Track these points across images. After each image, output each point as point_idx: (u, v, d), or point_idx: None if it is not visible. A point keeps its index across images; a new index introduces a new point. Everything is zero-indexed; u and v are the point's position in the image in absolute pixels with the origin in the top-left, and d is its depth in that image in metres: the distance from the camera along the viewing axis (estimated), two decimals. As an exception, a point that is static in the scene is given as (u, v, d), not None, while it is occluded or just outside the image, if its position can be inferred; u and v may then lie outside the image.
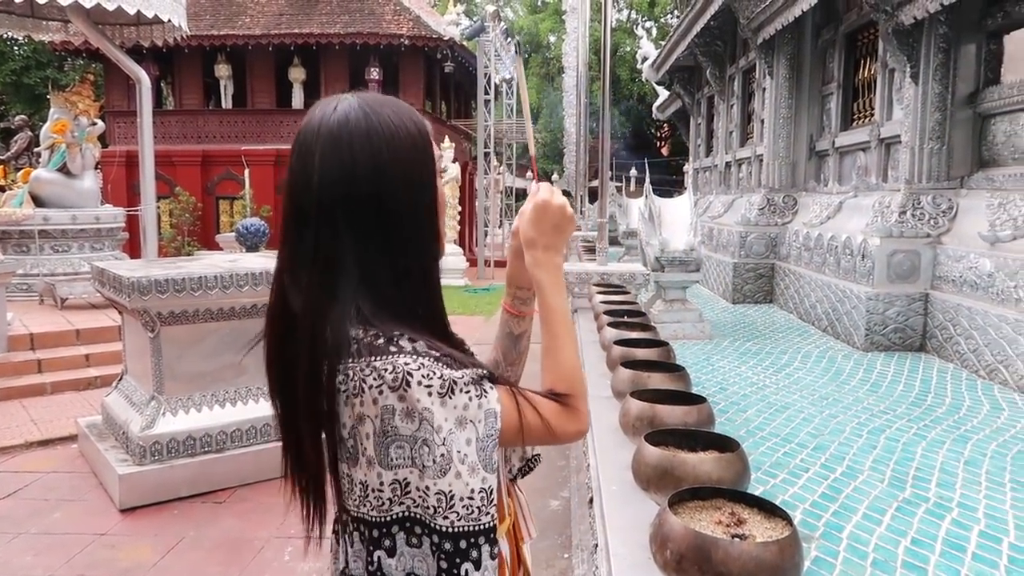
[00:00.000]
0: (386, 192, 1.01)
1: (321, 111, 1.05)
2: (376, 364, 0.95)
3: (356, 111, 1.03)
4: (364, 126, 1.02)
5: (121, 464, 4.31)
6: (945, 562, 2.60)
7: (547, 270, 1.12)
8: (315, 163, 1.01)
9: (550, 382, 1.09)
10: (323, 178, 1.00)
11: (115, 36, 9.02)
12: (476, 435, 0.97)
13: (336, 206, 1.00)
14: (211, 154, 17.88)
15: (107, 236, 9.32)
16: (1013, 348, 4.72)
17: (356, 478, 0.99)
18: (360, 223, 1.00)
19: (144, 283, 4.23)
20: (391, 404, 0.94)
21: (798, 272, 7.67)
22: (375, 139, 1.01)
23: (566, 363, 1.10)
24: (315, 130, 1.03)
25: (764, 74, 9.27)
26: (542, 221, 1.12)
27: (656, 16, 32.33)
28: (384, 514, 0.99)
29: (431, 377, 0.95)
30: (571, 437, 1.09)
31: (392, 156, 1.02)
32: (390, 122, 1.03)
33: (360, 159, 1.00)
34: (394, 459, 0.96)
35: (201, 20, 16.98)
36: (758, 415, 4.33)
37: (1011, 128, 5.60)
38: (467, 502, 0.96)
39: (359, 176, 1.00)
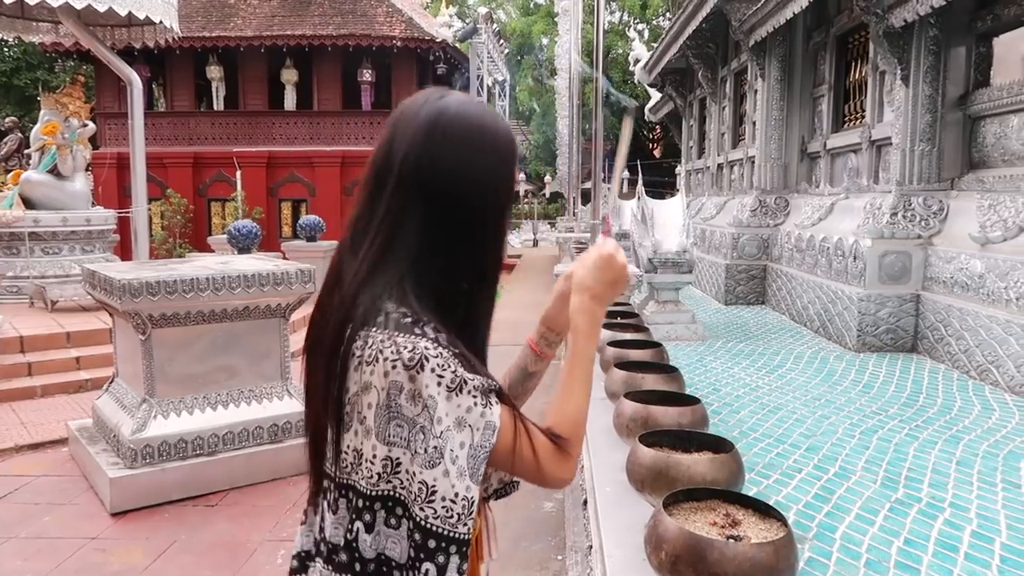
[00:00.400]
0: (463, 187, 1.04)
1: (425, 96, 1.09)
2: (398, 339, 0.96)
3: (459, 104, 1.06)
4: (463, 120, 1.05)
5: (112, 467, 4.28)
6: (938, 562, 2.61)
7: (589, 317, 1.14)
8: (406, 139, 1.04)
9: (553, 422, 1.09)
10: (410, 155, 1.03)
11: (106, 37, 8.98)
12: (471, 441, 0.98)
13: (414, 184, 1.03)
14: (203, 156, 17.81)
15: (98, 238, 9.27)
16: (1004, 349, 4.74)
17: (350, 444, 1.01)
18: (431, 206, 1.03)
19: (135, 285, 4.21)
20: (400, 381, 0.95)
21: (790, 273, 7.69)
22: (469, 134, 1.05)
23: (575, 409, 1.10)
24: (416, 110, 1.06)
25: (756, 76, 9.30)
26: (602, 272, 1.15)
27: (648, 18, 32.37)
28: (372, 487, 1.00)
29: (444, 368, 0.96)
30: (554, 481, 1.08)
31: (479, 155, 1.05)
32: (487, 125, 1.07)
33: (449, 147, 1.03)
34: (391, 435, 0.97)
35: (193, 21, 16.92)
36: (751, 416, 4.34)
37: (1001, 130, 5.63)
38: (447, 504, 0.96)
39: (444, 162, 1.03)
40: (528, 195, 34.86)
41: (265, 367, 4.82)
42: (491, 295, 1.12)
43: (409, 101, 1.09)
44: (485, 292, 1.11)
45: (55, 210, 8.93)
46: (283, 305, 4.82)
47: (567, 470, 1.08)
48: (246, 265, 4.89)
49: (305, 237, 11.18)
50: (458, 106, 1.06)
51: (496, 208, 1.08)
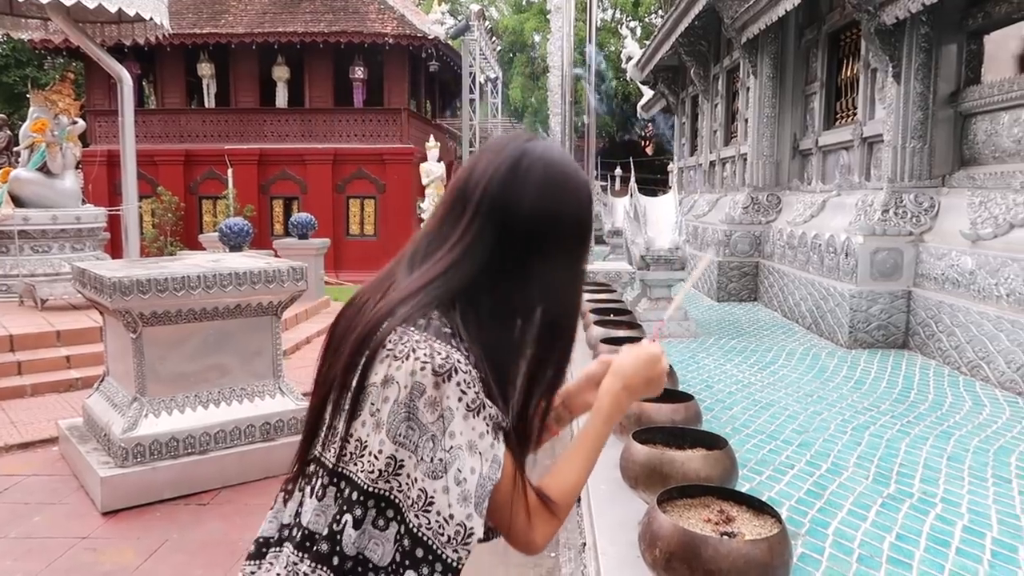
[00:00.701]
0: (538, 226, 1.06)
1: (514, 135, 1.12)
2: (435, 345, 0.97)
3: (545, 148, 1.09)
4: (546, 162, 1.07)
5: (103, 466, 4.25)
6: (930, 557, 2.62)
7: (615, 402, 1.16)
8: (490, 169, 1.06)
9: (549, 484, 1.10)
10: (493, 184, 1.05)
11: (96, 34, 8.92)
12: (480, 470, 0.97)
13: (489, 217, 1.05)
14: (194, 153, 17.73)
15: (88, 236, 9.20)
16: (994, 344, 4.76)
17: (357, 434, 0.99)
18: (500, 241, 1.04)
19: (126, 283, 4.18)
20: (425, 384, 0.95)
21: (782, 270, 7.71)
22: (552, 176, 1.07)
23: (573, 482, 1.11)
24: (502, 146, 1.09)
25: (748, 73, 9.32)
26: (644, 368, 1.18)
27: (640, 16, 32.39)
28: (371, 483, 0.98)
29: (469, 386, 0.97)
30: (528, 543, 1.07)
31: (557, 198, 1.07)
32: (569, 170, 1.09)
33: (533, 184, 1.05)
34: (401, 435, 0.96)
35: (183, 18, 16.84)
36: (743, 412, 4.35)
37: (991, 127, 5.66)
38: (441, 520, 0.96)
39: (521, 201, 1.05)
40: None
41: (257, 365, 4.80)
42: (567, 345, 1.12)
43: (498, 137, 1.16)
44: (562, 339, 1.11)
45: (45, 208, 8.86)
46: (275, 303, 4.80)
47: (545, 535, 1.07)
48: (238, 263, 4.86)
49: (297, 235, 11.14)
50: (543, 149, 1.09)
51: (568, 249, 1.09)
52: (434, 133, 18.33)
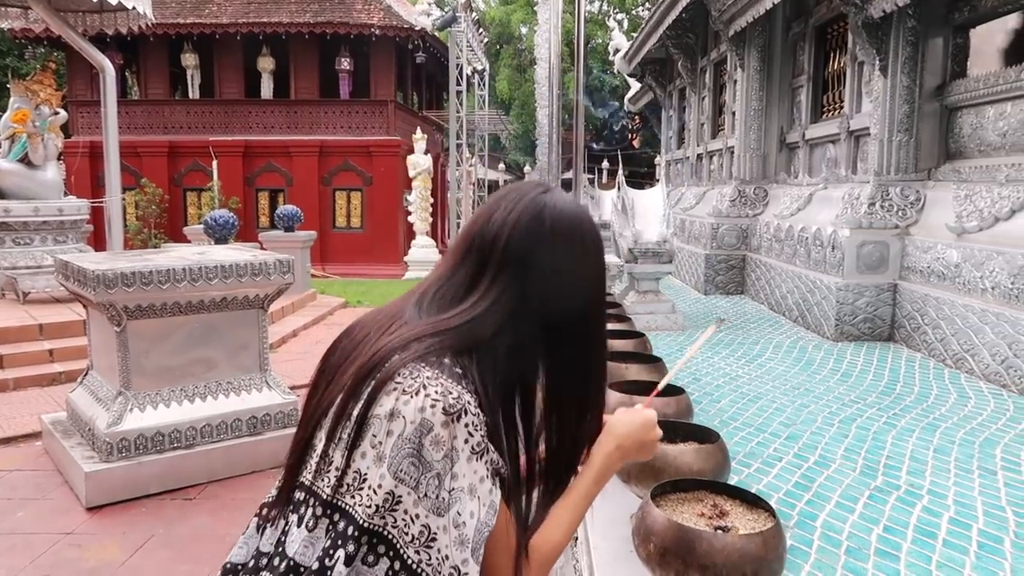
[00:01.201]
0: (563, 282, 1.06)
1: (531, 186, 1.13)
2: (446, 384, 0.96)
3: (564, 201, 1.10)
4: (568, 216, 1.09)
5: (87, 461, 4.22)
6: (917, 548, 2.63)
7: (607, 463, 1.18)
8: (510, 220, 1.06)
9: (533, 539, 1.09)
10: (514, 235, 1.05)
11: (77, 23, 8.80)
12: (479, 515, 0.96)
13: (511, 265, 1.05)
14: (178, 145, 17.57)
15: (71, 228, 9.10)
16: (979, 337, 4.80)
17: (354, 465, 0.97)
18: (525, 297, 1.04)
19: (110, 276, 4.13)
20: (432, 423, 0.93)
21: (769, 263, 7.74)
22: (574, 231, 1.08)
23: (556, 539, 1.11)
24: (521, 195, 1.10)
25: (735, 66, 9.32)
26: (639, 432, 1.21)
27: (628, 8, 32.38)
28: (368, 519, 0.95)
29: (476, 429, 0.96)
30: None
31: (579, 254, 1.08)
32: (588, 224, 1.11)
33: (554, 236, 1.06)
34: (403, 471, 0.94)
35: (167, 8, 16.66)
36: (731, 405, 4.36)
37: (977, 121, 5.69)
38: (440, 558, 0.94)
39: (548, 250, 1.06)
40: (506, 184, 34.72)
41: (243, 359, 4.77)
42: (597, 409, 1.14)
43: (511, 187, 1.13)
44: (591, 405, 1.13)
45: (26, 200, 8.75)
46: (261, 296, 4.77)
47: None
48: (223, 256, 4.82)
49: (283, 227, 11.07)
50: (563, 201, 1.10)
51: (591, 308, 1.10)
52: (421, 125, 18.26)
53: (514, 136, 34.86)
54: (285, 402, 4.79)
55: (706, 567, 1.16)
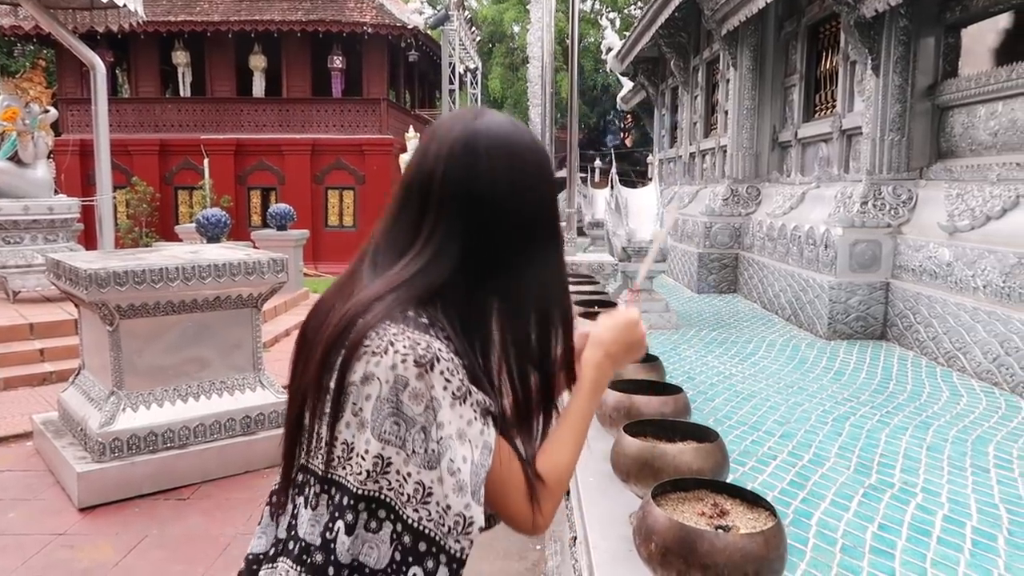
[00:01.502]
0: (507, 204, 1.03)
1: (461, 114, 1.08)
2: (412, 335, 0.94)
3: (498, 123, 1.06)
4: (502, 138, 1.04)
5: (79, 461, 4.19)
6: (911, 546, 2.65)
7: (598, 373, 1.15)
8: (443, 154, 1.03)
9: (541, 464, 1.07)
10: (448, 170, 1.02)
11: (67, 21, 8.74)
12: (472, 457, 0.95)
13: (454, 199, 1.01)
14: (169, 143, 17.48)
15: (61, 227, 9.04)
16: (971, 336, 4.83)
17: (342, 437, 0.96)
18: (468, 226, 1.02)
19: (102, 275, 4.11)
20: (407, 377, 0.92)
21: (762, 262, 7.76)
22: (511, 153, 1.04)
23: (565, 462, 1.09)
24: (450, 127, 1.05)
25: (728, 65, 9.34)
26: (624, 333, 1.18)
27: (620, 7, 32.40)
28: (360, 486, 0.95)
29: (453, 374, 0.95)
30: (531, 525, 1.05)
31: (518, 173, 1.04)
32: (526, 143, 1.06)
33: (491, 165, 1.02)
34: (386, 432, 0.93)
35: (157, 5, 16.56)
36: (725, 404, 4.37)
37: (968, 120, 5.71)
38: (440, 510, 0.94)
39: (485, 179, 1.02)
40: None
41: (237, 358, 4.75)
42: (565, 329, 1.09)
43: (444, 119, 1.09)
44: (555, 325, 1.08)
45: (16, 198, 8.69)
46: (255, 295, 4.75)
47: (547, 513, 1.05)
48: (217, 254, 4.80)
49: (275, 226, 11.03)
50: (496, 124, 1.05)
51: (539, 225, 1.06)
52: (414, 124, 18.22)
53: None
54: (279, 401, 4.77)
55: (708, 567, 1.16)
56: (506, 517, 1.05)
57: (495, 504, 1.02)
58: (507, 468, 1.00)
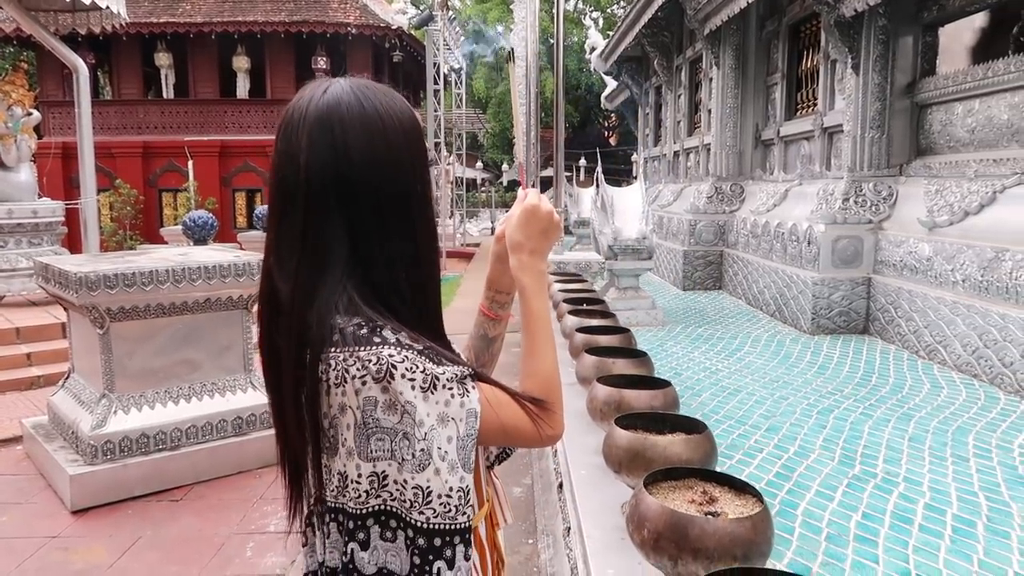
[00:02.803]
0: (377, 177, 1.00)
1: (310, 93, 1.03)
2: (360, 354, 0.93)
3: (348, 94, 1.01)
4: (357, 110, 1.00)
5: (71, 464, 4.20)
6: (894, 534, 2.72)
7: (532, 274, 1.13)
8: (302, 144, 0.99)
9: (528, 386, 1.09)
10: (312, 161, 0.99)
11: (49, 23, 8.68)
12: (457, 433, 0.97)
13: (326, 190, 0.99)
14: (152, 145, 17.37)
15: (45, 231, 8.99)
16: (951, 329, 4.92)
17: (335, 468, 0.98)
18: (349, 208, 0.99)
19: (92, 278, 4.11)
20: (374, 396, 0.93)
21: (746, 259, 7.85)
22: (368, 123, 1.00)
23: (545, 368, 1.10)
24: (303, 112, 1.01)
25: (711, 64, 9.43)
26: (530, 225, 1.14)
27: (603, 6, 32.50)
28: (361, 506, 0.97)
29: (414, 371, 0.94)
30: (547, 441, 1.08)
31: (385, 142, 1.01)
32: (383, 108, 1.02)
33: (352, 143, 0.99)
34: (374, 451, 0.95)
35: (140, 6, 16.45)
36: (712, 399, 4.44)
37: (946, 117, 5.82)
38: (444, 500, 0.96)
39: (351, 160, 0.99)
40: (485, 183, 34.82)
41: (228, 359, 4.76)
42: (430, 266, 1.09)
43: (293, 102, 1.04)
44: (425, 275, 1.07)
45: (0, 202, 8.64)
46: (244, 296, 4.76)
47: (554, 425, 1.07)
48: (206, 257, 4.81)
49: (262, 227, 11.01)
50: (347, 95, 1.01)
51: (416, 184, 1.04)
52: (398, 124, 18.11)
53: (491, 134, 34.87)
54: (270, 402, 4.80)
55: (698, 551, 1.21)
56: (520, 443, 1.07)
57: (506, 440, 1.06)
58: (499, 409, 1.02)
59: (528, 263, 1.13)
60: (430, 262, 1.08)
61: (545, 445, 1.08)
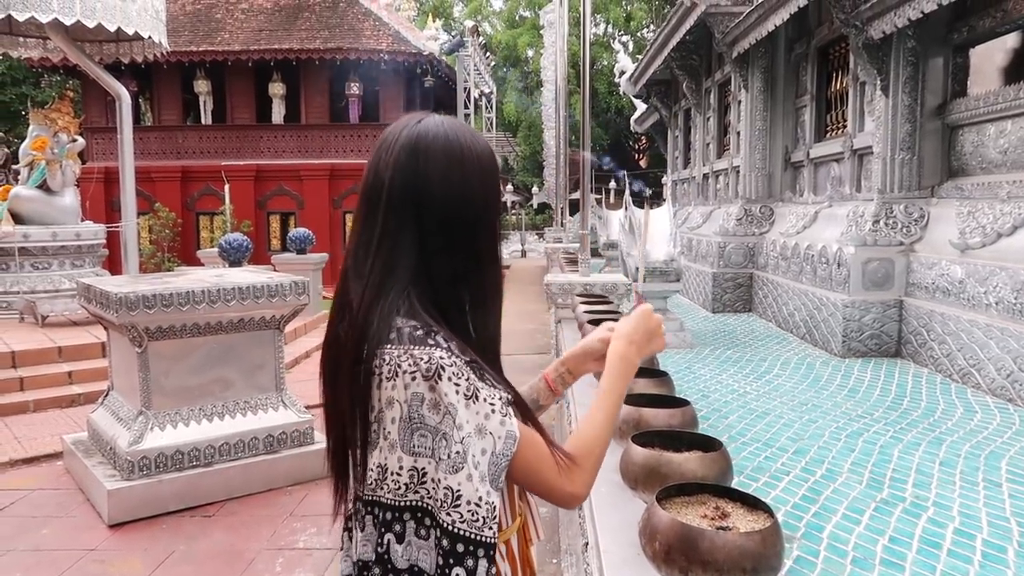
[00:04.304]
0: (450, 202, 1.10)
1: (406, 121, 1.15)
2: (414, 352, 1.01)
3: (437, 127, 1.12)
4: (442, 142, 1.11)
5: (109, 479, 4.31)
6: (922, 559, 2.69)
7: (624, 363, 1.24)
8: (390, 164, 1.10)
9: (571, 442, 1.15)
10: (395, 179, 1.09)
11: (94, 53, 9.01)
12: (493, 449, 1.02)
13: (403, 205, 1.09)
14: (191, 170, 17.81)
15: (88, 253, 9.27)
16: (984, 352, 4.85)
17: (375, 461, 1.04)
18: (421, 224, 1.09)
19: (132, 298, 4.25)
20: (421, 392, 1.00)
21: (776, 281, 7.80)
22: (449, 155, 1.11)
23: (592, 434, 1.16)
24: (396, 136, 1.12)
25: (739, 87, 9.45)
26: (642, 322, 1.28)
27: (632, 30, 32.67)
28: (399, 499, 1.04)
29: (460, 376, 1.01)
30: (567, 497, 1.11)
31: (461, 173, 1.10)
32: (466, 144, 1.12)
33: (432, 168, 1.09)
34: (416, 446, 1.01)
35: (180, 36, 16.96)
36: (739, 421, 4.42)
37: (978, 139, 5.77)
38: (472, 507, 1.00)
39: (428, 183, 1.09)
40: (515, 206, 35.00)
41: (260, 378, 4.86)
42: (493, 301, 1.17)
43: (390, 128, 1.16)
44: (488, 300, 1.16)
45: (45, 225, 8.93)
46: (277, 317, 4.87)
47: (577, 483, 1.10)
48: (240, 278, 4.94)
49: (295, 250, 11.21)
50: (436, 127, 1.12)
51: (483, 218, 1.13)
52: (430, 148, 18.35)
53: (522, 158, 35.12)
54: (301, 420, 4.88)
55: (708, 563, 1.23)
56: (543, 492, 1.10)
57: (530, 484, 1.10)
58: (533, 449, 1.07)
59: (626, 352, 1.24)
60: (493, 286, 1.17)
61: (565, 502, 1.11)
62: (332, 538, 3.97)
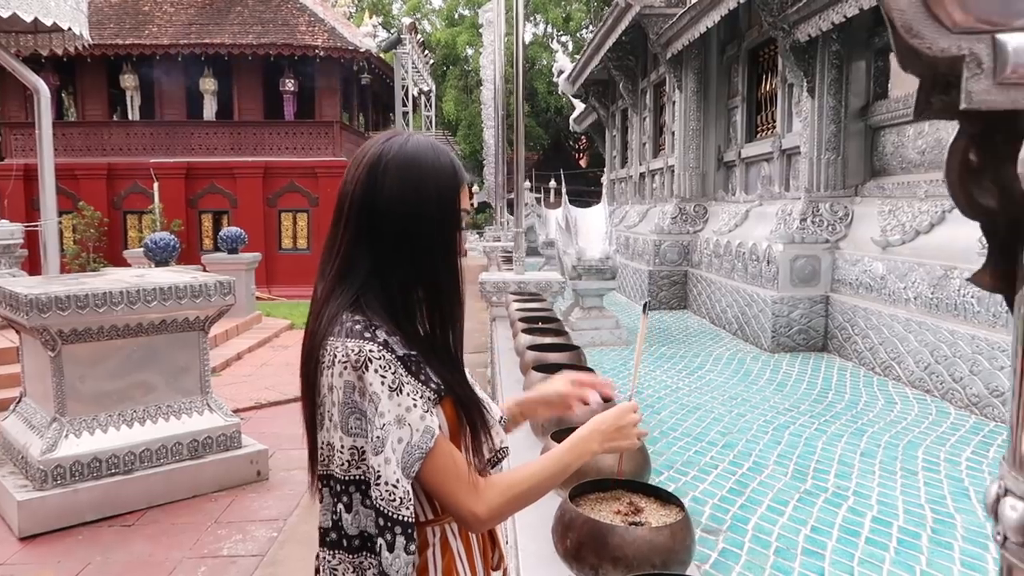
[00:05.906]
0: (402, 217, 1.17)
1: (381, 138, 1.23)
2: (348, 344, 1.10)
3: (401, 146, 1.20)
4: (400, 160, 1.18)
5: (20, 490, 4.10)
6: (841, 547, 2.76)
7: (582, 445, 1.28)
8: (355, 177, 1.20)
9: (497, 475, 1.21)
10: (356, 192, 1.19)
11: (10, 44, 8.59)
12: (409, 439, 1.09)
13: (360, 216, 1.18)
14: (117, 167, 17.18)
15: (3, 253, 8.85)
16: (904, 345, 5.02)
17: (324, 439, 1.15)
18: (375, 235, 1.18)
19: (43, 300, 4.05)
20: (351, 380, 1.10)
21: (709, 278, 7.94)
22: (405, 173, 1.18)
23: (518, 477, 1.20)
24: (366, 151, 1.22)
25: (674, 88, 9.59)
26: (614, 416, 1.31)
27: (572, 30, 32.92)
28: (345, 473, 1.13)
29: (387, 369, 1.09)
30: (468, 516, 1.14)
31: (415, 191, 1.18)
32: (427, 164, 1.19)
33: (388, 184, 1.17)
34: (352, 427, 1.11)
35: (104, 28, 16.35)
36: (671, 416, 4.47)
37: (898, 140, 5.97)
38: (390, 488, 1.08)
39: (383, 198, 1.17)
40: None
41: (184, 382, 4.70)
42: (450, 308, 1.22)
43: (366, 143, 1.25)
44: (444, 306, 1.21)
45: (-44, 224, 8.49)
46: (202, 318, 4.72)
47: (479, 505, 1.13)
48: (163, 278, 4.76)
49: (226, 249, 10.93)
50: (399, 147, 1.20)
51: (438, 234, 1.20)
52: (368, 146, 18.12)
53: (461, 157, 34.99)
54: (227, 424, 4.73)
55: (618, 559, 1.22)
56: (448, 504, 1.15)
57: (438, 491, 1.14)
58: (449, 458, 1.12)
59: (588, 437, 1.29)
60: (451, 296, 1.23)
61: (466, 521, 1.16)
62: (258, 544, 3.85)
